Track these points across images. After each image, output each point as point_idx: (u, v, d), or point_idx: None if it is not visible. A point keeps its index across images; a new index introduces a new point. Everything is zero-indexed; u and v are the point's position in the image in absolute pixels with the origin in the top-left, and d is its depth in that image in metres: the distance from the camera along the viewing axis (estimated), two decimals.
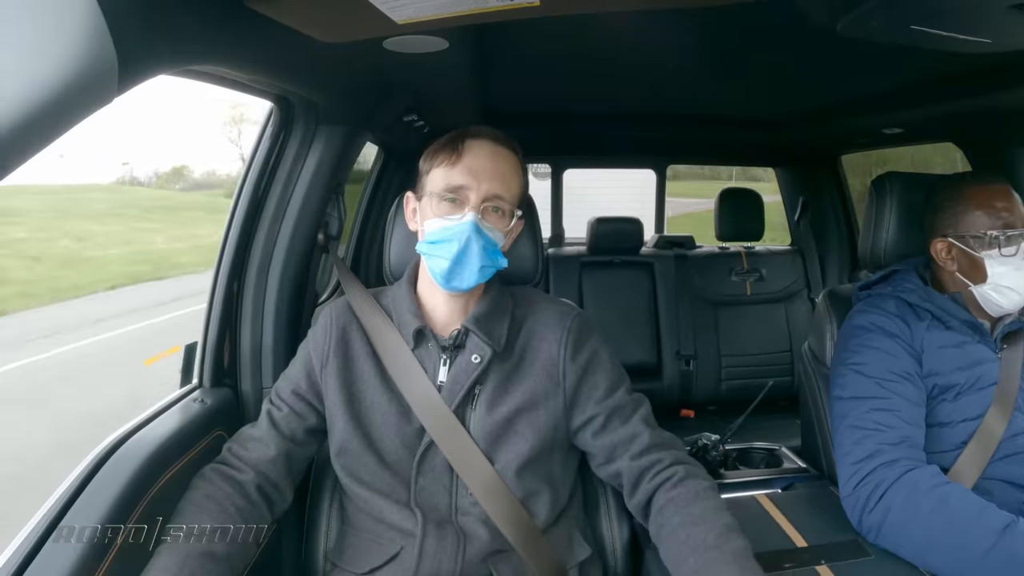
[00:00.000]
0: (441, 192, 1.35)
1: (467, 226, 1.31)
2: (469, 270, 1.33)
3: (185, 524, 1.22)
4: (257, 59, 1.29)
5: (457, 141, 1.39)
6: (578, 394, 1.40)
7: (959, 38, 1.25)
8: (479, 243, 1.32)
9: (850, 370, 1.59)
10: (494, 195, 1.35)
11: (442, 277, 1.35)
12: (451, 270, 1.33)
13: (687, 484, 1.31)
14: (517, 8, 1.07)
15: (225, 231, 1.71)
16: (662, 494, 1.32)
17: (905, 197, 1.78)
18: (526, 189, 1.48)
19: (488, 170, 1.35)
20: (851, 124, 2.95)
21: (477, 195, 1.33)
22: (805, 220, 3.91)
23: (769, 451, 2.41)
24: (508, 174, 1.38)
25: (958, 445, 1.53)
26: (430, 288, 1.43)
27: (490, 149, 1.38)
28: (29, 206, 18.03)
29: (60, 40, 0.64)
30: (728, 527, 1.23)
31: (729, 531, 1.22)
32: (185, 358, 1.71)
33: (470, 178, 1.34)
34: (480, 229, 1.32)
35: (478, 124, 1.43)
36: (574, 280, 3.64)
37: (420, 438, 1.38)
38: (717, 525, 1.23)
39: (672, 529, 1.27)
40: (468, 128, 1.42)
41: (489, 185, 1.34)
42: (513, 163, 1.41)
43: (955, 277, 1.62)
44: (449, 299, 1.43)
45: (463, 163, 1.35)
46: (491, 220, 1.36)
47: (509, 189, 1.38)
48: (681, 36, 1.89)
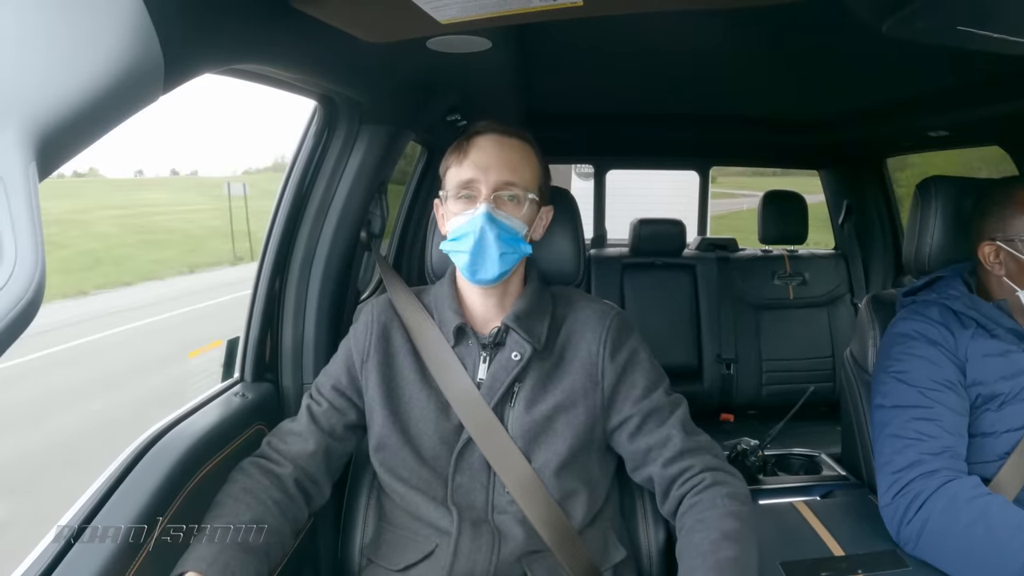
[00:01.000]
0: (454, 190, 1.38)
1: (480, 217, 1.33)
2: (489, 260, 1.34)
3: (222, 516, 1.23)
4: (301, 59, 1.30)
5: (463, 140, 1.42)
6: (616, 393, 1.40)
7: (1006, 39, 1.23)
8: (493, 232, 1.33)
9: (892, 378, 1.56)
10: (504, 183, 1.36)
11: (467, 271, 1.37)
12: (472, 262, 1.34)
13: (710, 491, 1.29)
14: (560, 8, 1.07)
15: (269, 228, 1.73)
16: (687, 500, 1.31)
17: (950, 201, 1.74)
18: (546, 177, 1.48)
19: (495, 160, 1.37)
20: (896, 126, 2.90)
21: (487, 186, 1.35)
22: (849, 224, 3.84)
23: (809, 458, 2.39)
24: (517, 161, 1.39)
25: (1001, 456, 1.50)
26: (467, 286, 1.45)
27: (495, 141, 1.40)
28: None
29: (106, 39, 0.66)
30: (725, 535, 1.21)
31: (724, 539, 1.21)
32: (227, 353, 1.74)
33: (478, 171, 1.36)
34: (494, 218, 1.34)
35: (521, 125, 1.44)
36: (616, 281, 3.63)
37: (458, 435, 1.38)
38: (715, 532, 1.22)
39: (683, 534, 1.27)
40: (475, 125, 1.44)
41: (497, 174, 1.36)
42: (523, 151, 1.42)
43: (1002, 282, 1.58)
44: (484, 296, 1.43)
45: (470, 159, 1.38)
46: (506, 208, 1.37)
47: (520, 176, 1.39)
48: (725, 36, 1.87)
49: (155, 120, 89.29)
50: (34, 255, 0.55)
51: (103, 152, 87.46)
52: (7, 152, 0.56)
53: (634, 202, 6.07)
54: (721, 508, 1.26)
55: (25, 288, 0.55)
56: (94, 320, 12.46)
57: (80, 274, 16.78)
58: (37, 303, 0.56)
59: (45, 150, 0.60)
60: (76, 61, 0.63)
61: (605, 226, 4.25)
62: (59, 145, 0.62)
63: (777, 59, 2.17)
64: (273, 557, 1.27)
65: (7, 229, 0.54)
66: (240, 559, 1.18)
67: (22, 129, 0.57)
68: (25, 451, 6.32)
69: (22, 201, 0.56)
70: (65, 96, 0.62)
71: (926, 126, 2.72)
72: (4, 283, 0.54)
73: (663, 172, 4.73)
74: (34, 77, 0.60)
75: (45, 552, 1.05)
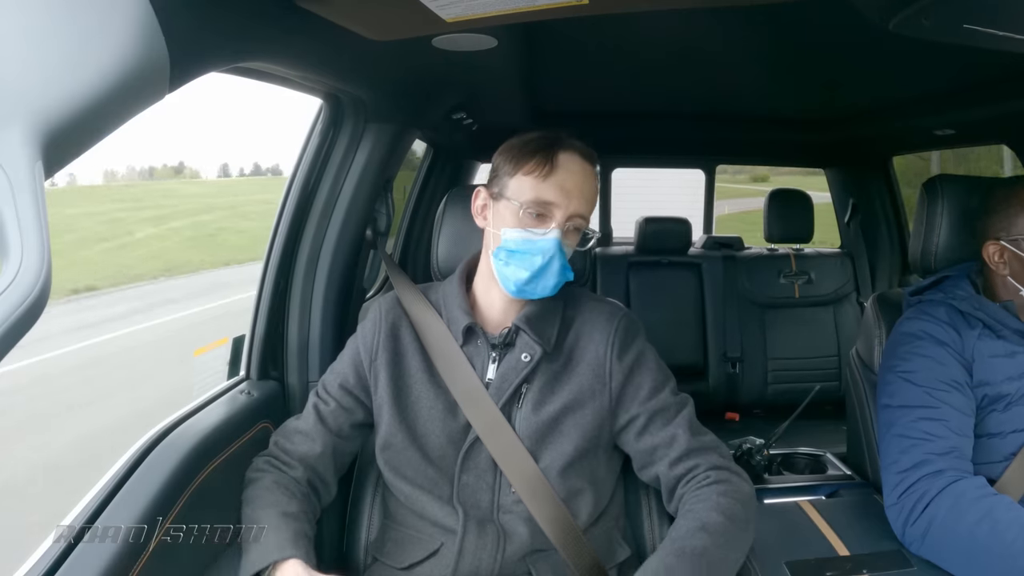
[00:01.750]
0: (529, 204, 1.33)
1: (552, 244, 1.30)
2: (545, 284, 1.33)
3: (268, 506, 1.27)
4: (307, 57, 1.30)
5: (550, 152, 1.35)
6: (623, 394, 1.39)
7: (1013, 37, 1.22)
8: (560, 261, 1.31)
9: (899, 377, 1.56)
10: (579, 215, 1.34)
11: (515, 285, 1.34)
12: (529, 281, 1.33)
13: (709, 488, 1.29)
14: (565, 6, 1.07)
15: (274, 226, 1.74)
16: (686, 496, 1.31)
17: (957, 200, 1.73)
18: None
19: (578, 190, 1.33)
20: (902, 125, 2.88)
21: (564, 213, 1.32)
22: (855, 222, 3.83)
23: (814, 457, 2.39)
24: (592, 193, 1.36)
25: (1007, 456, 1.49)
26: (488, 287, 1.43)
27: (581, 167, 1.35)
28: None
29: (112, 37, 0.66)
30: (703, 526, 1.21)
31: (700, 530, 1.21)
32: (233, 351, 1.74)
33: (561, 196, 1.31)
34: (562, 247, 1.32)
35: (526, 123, 1.42)
36: (621, 280, 3.62)
37: (465, 435, 1.38)
38: (694, 523, 1.22)
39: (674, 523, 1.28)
40: (559, 136, 1.37)
41: (577, 205, 1.33)
42: (596, 181, 1.39)
43: (1007, 282, 1.58)
44: (509, 300, 1.42)
45: (555, 178, 1.32)
46: (570, 238, 1.35)
47: (590, 209, 1.37)
48: (731, 34, 1.87)
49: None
50: (40, 253, 0.56)
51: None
52: (13, 150, 0.56)
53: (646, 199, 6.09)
54: (710, 502, 1.26)
55: (32, 285, 0.55)
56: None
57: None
58: (43, 300, 0.56)
59: (51, 148, 0.60)
60: (82, 59, 0.63)
61: (611, 224, 4.24)
62: (65, 143, 0.62)
63: (783, 57, 2.16)
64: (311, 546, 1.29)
65: (13, 227, 0.55)
66: (308, 543, 1.24)
67: (28, 127, 0.58)
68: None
69: (28, 199, 0.56)
70: (71, 94, 0.62)
71: (932, 125, 2.71)
72: (11, 281, 0.54)
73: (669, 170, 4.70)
74: (40, 75, 0.60)
75: (49, 551, 1.06)
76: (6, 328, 0.53)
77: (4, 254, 0.55)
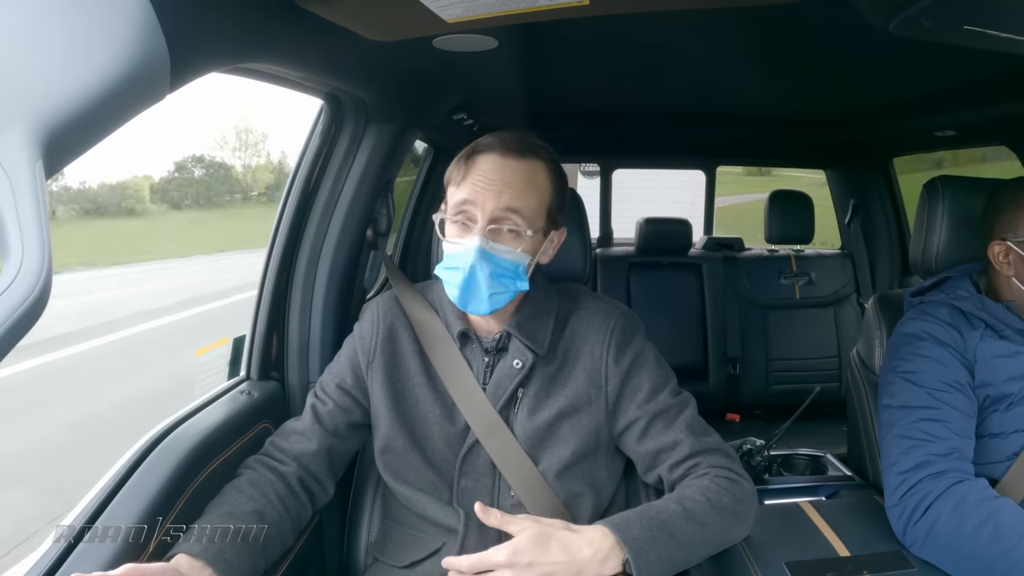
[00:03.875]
0: (451, 210, 1.31)
1: (472, 252, 1.26)
2: (478, 298, 1.29)
3: (223, 504, 1.24)
4: (307, 57, 1.30)
5: (465, 157, 1.33)
6: (621, 398, 1.38)
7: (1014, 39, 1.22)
8: (485, 270, 1.26)
9: (900, 378, 1.56)
10: (503, 212, 1.28)
11: (458, 303, 1.33)
12: (461, 297, 1.30)
13: (705, 476, 1.28)
14: (566, 7, 1.07)
15: (275, 226, 1.74)
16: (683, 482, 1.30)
17: (958, 201, 1.73)
18: (558, 197, 1.40)
19: (495, 185, 1.28)
20: (903, 126, 2.89)
21: (483, 214, 1.27)
22: (856, 223, 3.83)
23: (814, 458, 2.38)
24: (521, 185, 1.30)
25: (1009, 456, 1.49)
26: None
27: (496, 163, 1.30)
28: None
29: (113, 37, 0.66)
30: (678, 499, 1.22)
31: (674, 502, 1.22)
32: (233, 351, 1.74)
33: (476, 194, 1.28)
34: (488, 254, 1.27)
35: (527, 124, 1.41)
36: (622, 281, 3.62)
37: (464, 438, 1.38)
38: (673, 496, 1.23)
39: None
40: (479, 140, 1.35)
41: (495, 203, 1.27)
42: (530, 172, 1.32)
43: (1011, 283, 1.57)
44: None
45: (469, 179, 1.29)
46: (504, 241, 1.29)
47: (525, 202, 1.30)
48: (731, 35, 1.87)
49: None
50: (41, 253, 0.56)
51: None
52: (14, 150, 0.56)
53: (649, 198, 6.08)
54: (697, 486, 1.26)
55: (32, 286, 0.55)
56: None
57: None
58: (44, 300, 0.56)
59: (52, 148, 0.60)
60: (82, 59, 0.63)
61: (611, 225, 4.24)
62: (66, 143, 0.62)
63: (783, 58, 2.16)
64: (271, 551, 1.27)
65: (13, 227, 0.55)
66: (235, 547, 1.17)
67: (28, 127, 0.58)
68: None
69: (29, 199, 0.56)
70: (72, 94, 0.62)
71: (933, 126, 2.72)
72: (11, 281, 0.54)
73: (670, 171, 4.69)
74: (40, 75, 0.60)
75: (50, 551, 1.06)
76: (7, 328, 0.53)
77: (5, 254, 0.55)
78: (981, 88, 2.16)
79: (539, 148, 1.36)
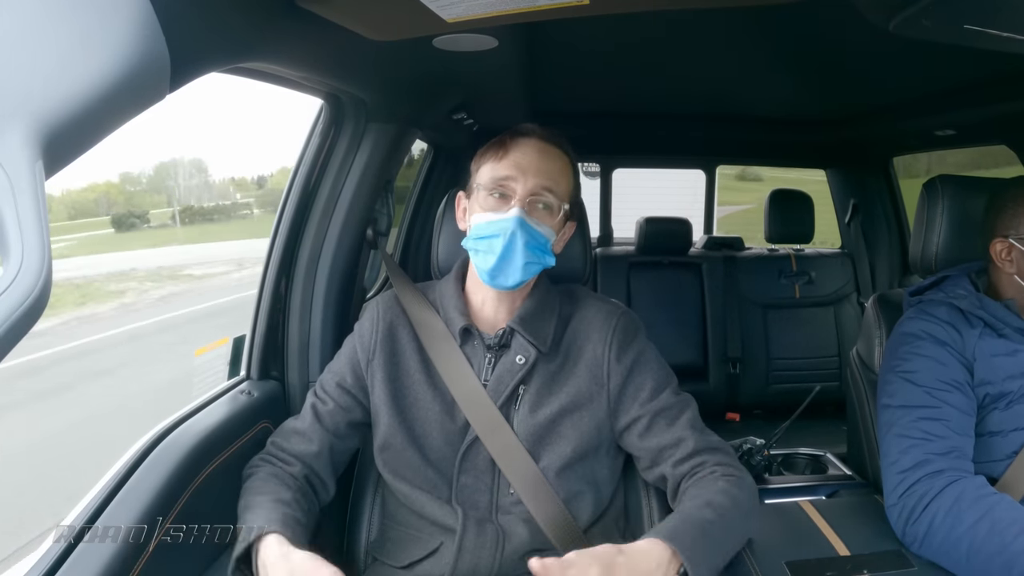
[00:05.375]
0: (488, 185, 1.35)
1: (512, 221, 1.30)
2: (513, 266, 1.32)
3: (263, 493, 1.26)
4: (307, 57, 1.30)
5: (505, 138, 1.39)
6: (623, 396, 1.39)
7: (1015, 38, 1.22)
8: (523, 238, 1.31)
9: (899, 377, 1.56)
10: (541, 188, 1.34)
11: (487, 274, 1.34)
12: (496, 266, 1.32)
13: (714, 476, 1.28)
14: (566, 6, 1.07)
15: (275, 226, 1.74)
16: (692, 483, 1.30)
17: (957, 201, 1.74)
18: (577, 192, 1.47)
19: (535, 165, 1.34)
20: (903, 126, 2.89)
21: (524, 188, 1.33)
22: (856, 223, 3.83)
23: (814, 457, 2.39)
24: (556, 171, 1.37)
25: (1009, 455, 1.49)
26: (478, 286, 1.43)
27: (538, 146, 1.37)
28: None
29: (113, 37, 0.66)
30: (709, 503, 1.20)
31: (705, 506, 1.20)
32: (233, 350, 1.74)
33: (516, 171, 1.33)
34: (526, 224, 1.31)
35: (527, 122, 1.43)
36: (622, 280, 3.62)
37: (463, 435, 1.38)
38: (700, 500, 1.22)
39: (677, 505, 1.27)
40: (520, 125, 1.42)
41: (536, 179, 1.33)
42: (563, 161, 1.40)
43: (1012, 280, 1.58)
44: (497, 297, 1.42)
45: (510, 158, 1.35)
46: (539, 216, 1.34)
47: (557, 184, 1.36)
48: (731, 35, 1.87)
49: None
50: (40, 253, 0.56)
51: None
52: (13, 151, 0.56)
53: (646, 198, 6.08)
54: (715, 485, 1.25)
55: (32, 286, 0.55)
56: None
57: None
58: (44, 301, 0.56)
59: (52, 148, 0.60)
60: (82, 59, 0.63)
61: (611, 225, 4.24)
62: (66, 143, 0.62)
63: (783, 58, 2.16)
64: (310, 532, 1.29)
65: (13, 227, 0.55)
66: (297, 528, 1.21)
67: (28, 127, 0.58)
68: None
69: (29, 199, 0.56)
70: (71, 94, 0.62)
71: (932, 125, 2.72)
72: (11, 281, 0.54)
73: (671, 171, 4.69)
74: (40, 75, 0.60)
75: (50, 551, 1.06)
76: (6, 328, 0.53)
77: (4, 254, 0.55)
78: (981, 87, 2.16)
79: (568, 144, 1.44)
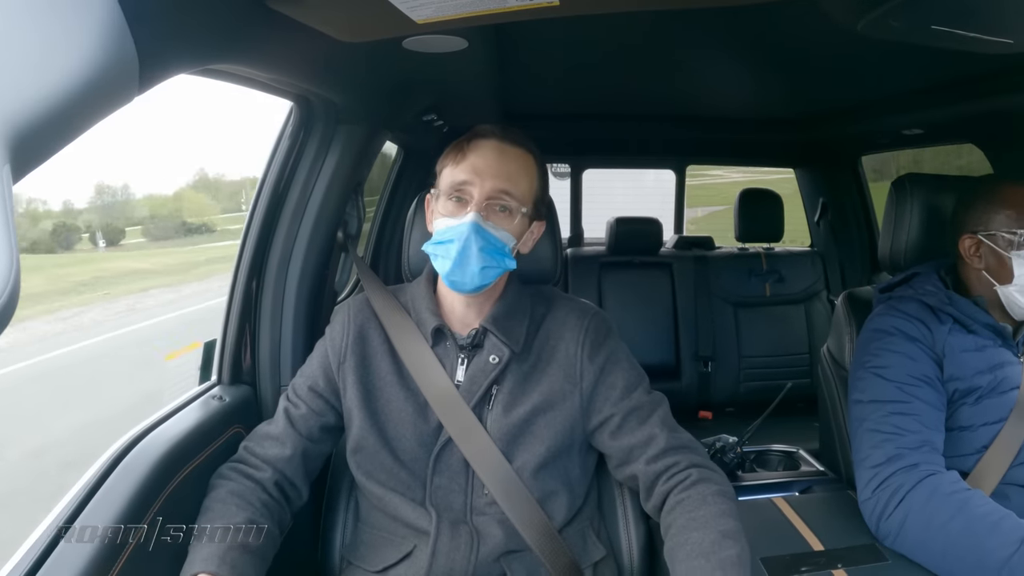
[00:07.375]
0: (446, 190, 1.35)
1: (467, 226, 1.30)
2: (470, 271, 1.31)
3: (216, 519, 1.24)
4: (277, 58, 1.29)
5: (463, 141, 1.39)
6: (595, 394, 1.39)
7: (981, 38, 1.24)
8: (478, 243, 1.30)
9: (870, 373, 1.58)
10: (498, 192, 1.33)
11: (446, 278, 1.34)
12: (452, 270, 1.32)
13: (698, 487, 1.27)
14: (536, 7, 1.07)
15: (245, 230, 1.72)
16: (674, 496, 1.29)
17: (926, 199, 1.77)
18: (543, 190, 1.45)
19: (493, 168, 1.33)
20: (871, 125, 2.93)
21: (480, 192, 1.32)
22: (825, 221, 3.88)
23: (787, 454, 2.41)
24: (515, 172, 1.36)
25: (979, 449, 1.52)
26: (447, 287, 1.42)
27: (496, 148, 1.36)
28: None
29: (80, 38, 0.65)
30: (724, 534, 1.19)
31: (724, 538, 1.18)
32: (204, 356, 1.72)
33: (473, 175, 1.33)
34: (481, 229, 1.30)
35: (497, 123, 1.42)
36: (593, 280, 3.64)
37: (436, 436, 1.37)
38: (713, 532, 1.19)
39: (675, 532, 1.24)
40: (478, 127, 1.41)
41: (493, 183, 1.32)
42: (523, 161, 1.39)
43: (981, 276, 1.60)
44: (464, 298, 1.42)
45: (468, 161, 1.35)
46: (496, 219, 1.34)
47: (517, 186, 1.35)
48: (701, 36, 1.88)
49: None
50: (8, 258, 0.54)
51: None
52: None
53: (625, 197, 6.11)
54: (714, 506, 1.24)
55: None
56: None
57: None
58: (12, 306, 0.55)
59: (19, 152, 0.59)
60: (49, 61, 0.62)
61: (582, 225, 4.26)
62: (33, 147, 0.61)
63: (753, 58, 2.18)
64: (268, 557, 1.27)
65: None
66: (243, 558, 1.19)
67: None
68: None
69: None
70: (38, 97, 0.61)
71: (901, 125, 2.75)
72: None
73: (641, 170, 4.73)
74: (6, 78, 0.59)
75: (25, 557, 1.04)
76: None
77: None
78: (949, 87, 2.20)
79: (530, 142, 1.42)
